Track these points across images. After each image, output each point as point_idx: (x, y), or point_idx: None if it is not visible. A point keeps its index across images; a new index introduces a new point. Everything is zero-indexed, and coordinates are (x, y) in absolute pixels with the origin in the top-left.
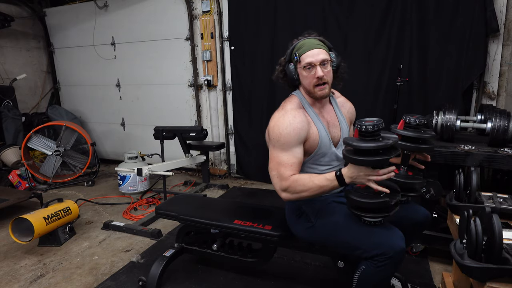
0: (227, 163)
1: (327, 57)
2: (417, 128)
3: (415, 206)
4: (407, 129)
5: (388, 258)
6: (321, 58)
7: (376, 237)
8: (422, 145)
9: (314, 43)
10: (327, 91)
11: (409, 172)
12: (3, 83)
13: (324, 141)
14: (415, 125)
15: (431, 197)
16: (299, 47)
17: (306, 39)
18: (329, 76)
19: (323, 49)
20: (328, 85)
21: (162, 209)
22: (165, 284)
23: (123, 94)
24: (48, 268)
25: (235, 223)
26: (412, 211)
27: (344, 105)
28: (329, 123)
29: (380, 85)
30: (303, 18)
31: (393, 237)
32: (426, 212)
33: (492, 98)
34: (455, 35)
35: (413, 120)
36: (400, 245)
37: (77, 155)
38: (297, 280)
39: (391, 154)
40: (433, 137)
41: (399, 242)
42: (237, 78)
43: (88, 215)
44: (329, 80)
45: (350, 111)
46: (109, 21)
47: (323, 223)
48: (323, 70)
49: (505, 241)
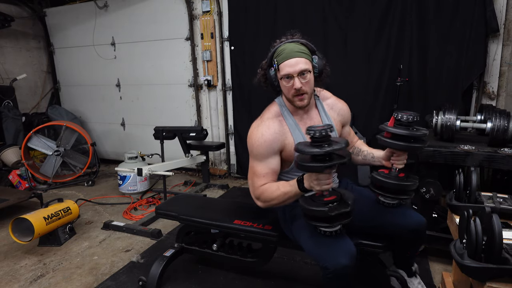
0: (227, 163)
1: (306, 67)
2: (408, 126)
3: (407, 211)
4: (397, 127)
5: (330, 272)
6: (299, 68)
7: (322, 249)
8: (414, 144)
9: (293, 50)
10: (306, 101)
11: (401, 174)
12: (3, 83)
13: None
14: (406, 123)
15: (431, 197)
16: (278, 53)
17: (287, 44)
18: (308, 86)
19: (302, 58)
20: (307, 95)
21: (162, 209)
22: (165, 284)
23: (123, 94)
24: (48, 268)
25: (235, 223)
26: (402, 216)
27: (334, 107)
28: None
29: (380, 85)
30: (303, 18)
31: (337, 252)
32: (419, 218)
33: (492, 98)
34: (455, 35)
35: (405, 117)
36: (341, 263)
37: (77, 155)
38: (297, 280)
39: (327, 162)
40: (426, 135)
41: (341, 259)
42: (237, 78)
43: (88, 215)
44: (309, 90)
45: (341, 112)
46: (109, 21)
47: (294, 226)
48: (301, 81)
49: (505, 241)
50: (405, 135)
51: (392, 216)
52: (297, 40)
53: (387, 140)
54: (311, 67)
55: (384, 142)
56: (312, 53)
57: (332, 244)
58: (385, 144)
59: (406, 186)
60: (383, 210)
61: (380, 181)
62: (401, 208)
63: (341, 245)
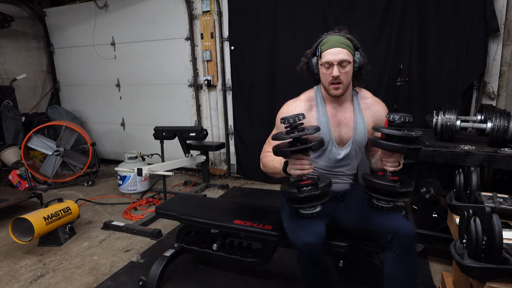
0: (227, 163)
1: (347, 58)
2: (401, 127)
3: (395, 218)
4: (388, 127)
5: (296, 249)
6: (340, 58)
7: (293, 227)
8: (404, 145)
9: (338, 41)
10: (341, 91)
11: (394, 177)
12: (3, 83)
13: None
14: (399, 123)
15: (431, 197)
16: (323, 43)
17: (333, 36)
18: (345, 77)
19: (345, 49)
20: (342, 85)
21: (162, 209)
22: (165, 284)
23: (123, 94)
24: (48, 268)
25: (235, 223)
26: (386, 221)
27: (371, 107)
28: (341, 122)
29: (380, 85)
30: (303, 18)
31: (304, 231)
32: (405, 227)
33: (492, 98)
34: (455, 35)
35: (398, 118)
36: (305, 240)
37: (77, 155)
38: (297, 280)
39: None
40: (418, 137)
41: (305, 237)
42: (237, 78)
43: (88, 215)
44: (345, 81)
45: (377, 114)
46: (109, 21)
47: (283, 211)
48: (340, 70)
49: (505, 241)
50: (395, 136)
51: (379, 219)
52: (343, 34)
53: (375, 140)
54: (352, 60)
55: (373, 142)
56: (356, 49)
57: (303, 224)
58: (373, 144)
59: (392, 187)
60: (372, 212)
61: (369, 181)
62: (392, 214)
63: (310, 226)
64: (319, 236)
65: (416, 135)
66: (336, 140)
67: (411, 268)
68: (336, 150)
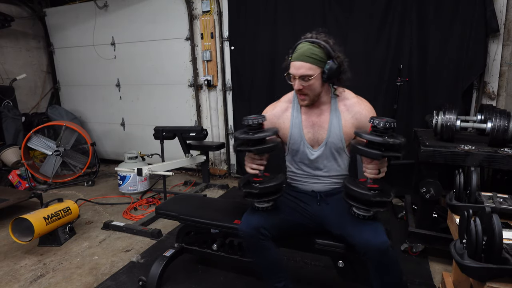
0: (227, 163)
1: (308, 73)
2: (383, 133)
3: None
4: (371, 133)
5: (239, 232)
6: (300, 73)
7: (243, 216)
8: (384, 153)
9: (303, 53)
10: (307, 102)
11: (374, 185)
12: (3, 83)
13: (294, 138)
14: (381, 129)
15: (431, 197)
16: (295, 51)
17: (304, 43)
18: (309, 90)
19: (307, 63)
20: (308, 97)
21: (162, 209)
22: (165, 284)
23: (123, 94)
24: (48, 268)
25: (235, 223)
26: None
27: (351, 109)
28: (315, 124)
29: (380, 85)
30: (303, 18)
31: (244, 220)
32: (376, 242)
33: (492, 98)
34: (455, 35)
35: (379, 123)
36: (241, 227)
37: (77, 155)
38: (297, 280)
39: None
40: (400, 144)
41: (241, 225)
42: (237, 78)
43: (88, 215)
44: (311, 93)
45: (357, 116)
46: (109, 21)
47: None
48: (302, 84)
49: (505, 241)
50: (375, 142)
51: (354, 231)
52: (317, 41)
53: (353, 145)
54: (320, 72)
55: (352, 146)
56: (328, 58)
57: (249, 215)
58: (352, 148)
59: (365, 195)
60: (350, 221)
61: (345, 187)
62: (366, 225)
63: (251, 217)
64: (253, 227)
65: (395, 143)
66: (310, 141)
67: (392, 279)
68: (309, 151)
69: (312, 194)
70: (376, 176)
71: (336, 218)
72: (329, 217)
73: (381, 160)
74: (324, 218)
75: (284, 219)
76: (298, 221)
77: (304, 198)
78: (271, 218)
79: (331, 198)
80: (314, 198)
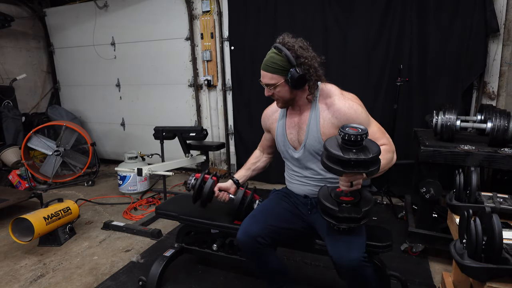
0: (227, 163)
1: (271, 82)
2: (352, 146)
3: (340, 246)
4: (338, 146)
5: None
6: (264, 82)
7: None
8: (350, 169)
9: (266, 62)
10: (281, 105)
11: (348, 197)
12: (3, 83)
13: (279, 139)
14: (349, 142)
15: (431, 197)
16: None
17: (269, 52)
18: (279, 95)
19: (269, 73)
20: (281, 100)
21: (162, 209)
22: (165, 284)
23: (123, 94)
24: (48, 268)
25: (235, 223)
26: (332, 248)
27: (331, 108)
28: (296, 125)
29: (380, 85)
30: (303, 18)
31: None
32: (345, 259)
33: (492, 98)
34: (455, 35)
35: (348, 136)
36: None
37: (77, 155)
38: (297, 280)
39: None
40: (369, 160)
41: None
42: (237, 78)
43: (88, 215)
44: (281, 98)
45: (337, 115)
46: (109, 21)
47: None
48: (269, 90)
49: (505, 241)
50: (339, 158)
51: (328, 244)
52: (279, 48)
53: (321, 158)
54: (282, 81)
55: (321, 160)
56: (291, 66)
57: (247, 224)
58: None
59: (330, 210)
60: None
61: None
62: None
63: (249, 226)
64: (249, 235)
65: (358, 159)
66: (292, 142)
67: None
68: (292, 152)
69: (304, 201)
70: (349, 189)
71: (322, 226)
72: (318, 224)
73: (352, 175)
74: (315, 225)
75: (283, 227)
76: (296, 227)
77: (299, 204)
78: (269, 227)
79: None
80: (306, 205)
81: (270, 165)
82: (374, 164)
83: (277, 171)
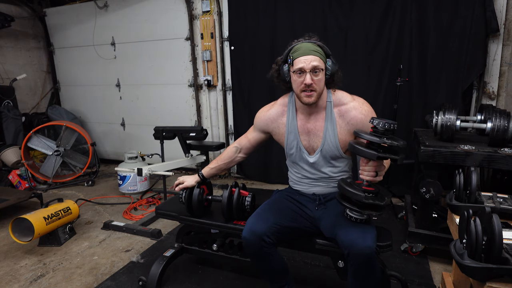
0: None
1: (320, 65)
2: (383, 134)
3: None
4: (371, 134)
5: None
6: (313, 65)
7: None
8: (384, 154)
9: (310, 48)
10: (314, 99)
11: (370, 187)
12: (3, 83)
13: (290, 144)
14: (381, 130)
15: (431, 197)
16: (295, 50)
17: (304, 43)
18: (318, 84)
19: (317, 57)
20: (316, 93)
21: (162, 209)
22: (165, 284)
23: (123, 94)
24: (48, 268)
25: (235, 223)
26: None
27: (347, 114)
28: (310, 131)
29: (380, 85)
30: (303, 18)
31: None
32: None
33: (492, 98)
34: (455, 35)
35: (379, 124)
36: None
37: (77, 155)
38: (297, 280)
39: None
40: (400, 146)
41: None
42: (237, 78)
43: (88, 215)
44: (318, 89)
45: (352, 122)
46: (109, 21)
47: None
48: (312, 78)
49: (505, 241)
50: (372, 142)
51: (341, 232)
52: (314, 41)
53: (350, 143)
54: (324, 67)
55: (350, 146)
56: (327, 56)
57: (252, 222)
58: (350, 148)
59: (357, 196)
60: (341, 223)
61: (339, 187)
62: (355, 227)
63: (254, 225)
64: (254, 233)
65: (392, 144)
66: (306, 148)
67: (370, 285)
68: (307, 157)
69: (312, 197)
70: (372, 179)
71: (329, 220)
72: (324, 220)
73: (379, 163)
74: (320, 221)
75: (288, 226)
76: (301, 226)
77: (305, 202)
78: (275, 225)
79: (331, 202)
80: (313, 201)
81: (270, 165)
82: (401, 152)
83: (277, 171)
